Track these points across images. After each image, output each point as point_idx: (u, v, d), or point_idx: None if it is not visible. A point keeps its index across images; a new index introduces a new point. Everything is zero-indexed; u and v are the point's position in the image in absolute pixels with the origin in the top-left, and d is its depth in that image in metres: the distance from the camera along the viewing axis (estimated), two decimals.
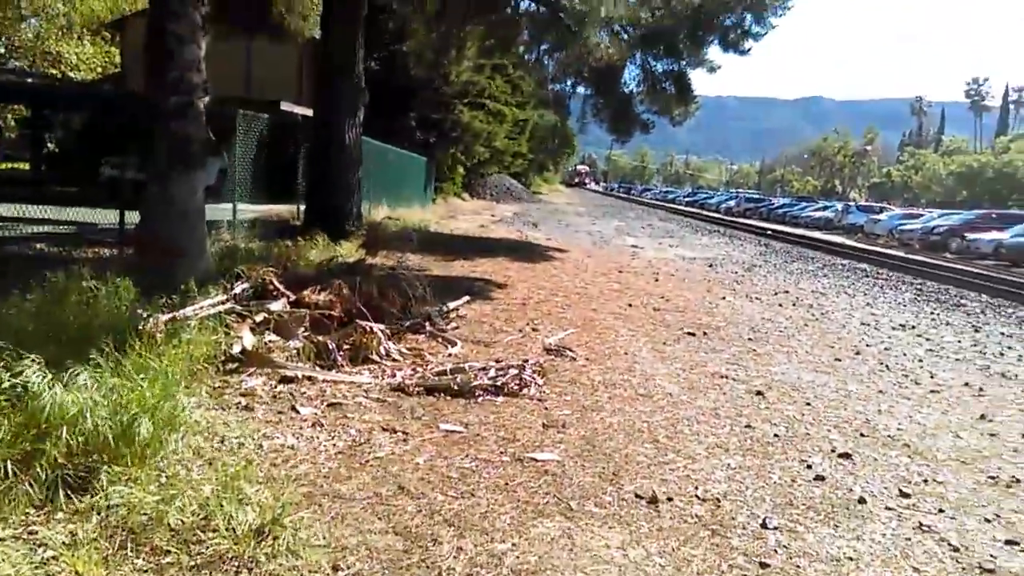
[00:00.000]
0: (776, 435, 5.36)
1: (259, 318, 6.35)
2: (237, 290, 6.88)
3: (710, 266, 17.94)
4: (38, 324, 4.90)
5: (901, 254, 27.04)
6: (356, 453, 4.33)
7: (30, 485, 3.22)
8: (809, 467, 4.76)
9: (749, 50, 18.08)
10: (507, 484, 4.08)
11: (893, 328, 10.85)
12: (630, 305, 10.84)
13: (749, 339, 8.98)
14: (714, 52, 18.62)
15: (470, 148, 35.59)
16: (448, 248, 15.58)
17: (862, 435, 5.54)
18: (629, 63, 18.78)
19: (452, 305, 8.76)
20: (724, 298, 12.44)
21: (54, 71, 36.94)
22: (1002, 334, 11.17)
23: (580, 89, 20.90)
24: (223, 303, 6.40)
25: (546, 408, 5.51)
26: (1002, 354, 9.47)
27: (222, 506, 3.27)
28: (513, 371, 6.01)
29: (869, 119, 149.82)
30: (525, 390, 5.80)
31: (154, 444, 3.65)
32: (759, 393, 6.45)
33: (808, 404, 6.26)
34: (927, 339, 10.15)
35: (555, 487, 4.11)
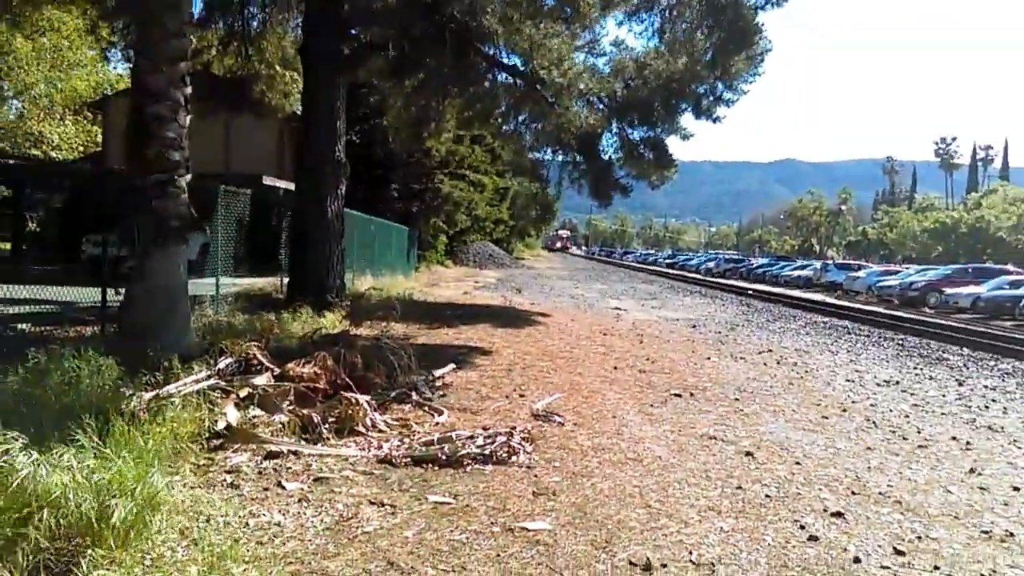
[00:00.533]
0: (768, 496, 5.32)
1: (243, 393, 6.30)
2: (221, 365, 6.83)
3: (693, 327, 18.03)
4: (20, 404, 4.84)
5: (881, 310, 27.31)
6: (344, 528, 4.26)
7: (10, 572, 3.13)
8: (802, 527, 4.72)
9: (721, 117, 18.62)
10: (499, 555, 4.02)
11: (878, 384, 10.89)
12: (616, 367, 10.85)
13: (736, 399, 8.98)
14: (687, 119, 19.12)
15: (452, 217, 35.97)
16: (432, 316, 15.58)
17: (853, 493, 5.52)
18: (606, 131, 19.21)
19: (438, 373, 8.73)
20: (709, 358, 12.47)
21: (36, 151, 37.18)
22: (985, 387, 11.24)
23: (559, 157, 21.29)
24: (207, 379, 6.34)
25: (536, 475, 5.45)
26: (987, 407, 9.51)
27: None
28: (501, 439, 5.96)
29: (842, 180, 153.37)
30: (514, 457, 5.74)
31: (137, 525, 3.58)
32: (748, 453, 6.42)
33: (798, 463, 6.24)
34: (912, 394, 10.20)
35: (547, 557, 4.04)
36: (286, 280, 15.42)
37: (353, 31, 15.62)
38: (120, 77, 39.72)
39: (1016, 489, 5.85)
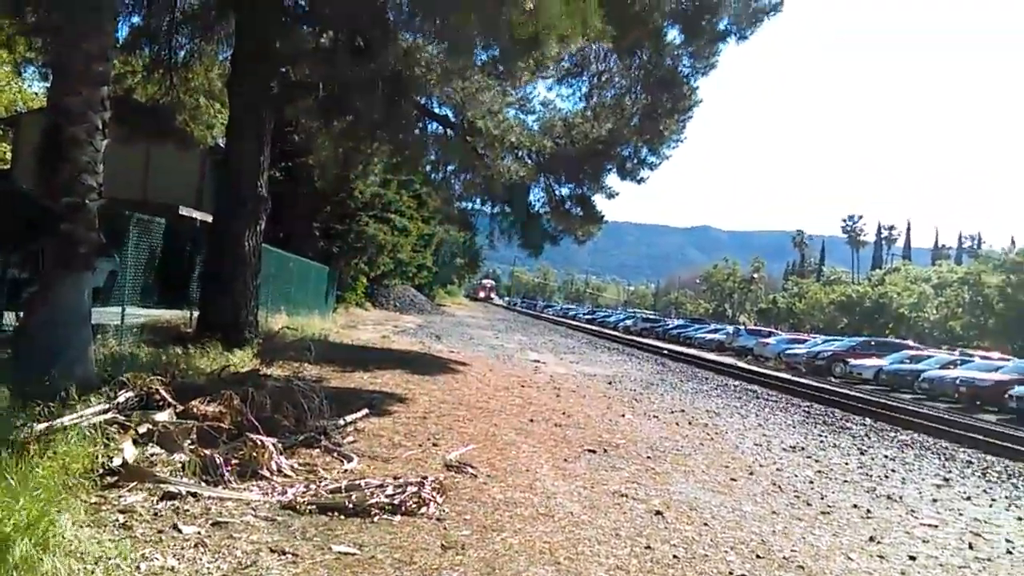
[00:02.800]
0: (675, 556, 5.33)
1: (143, 429, 5.99)
2: (120, 399, 6.51)
3: (609, 383, 18.20)
4: None
5: (789, 376, 28.19)
6: None
7: None
8: None
9: (645, 179, 19.19)
10: None
11: (784, 449, 11.16)
12: (532, 420, 10.81)
13: (648, 457, 9.05)
14: (612, 179, 19.58)
15: (374, 259, 35.67)
16: (348, 359, 15.28)
17: (758, 556, 5.58)
18: (535, 185, 19.50)
19: (350, 418, 8.51)
20: (623, 415, 12.58)
21: None
22: (885, 456, 11.65)
23: (488, 207, 21.46)
24: (105, 412, 6.02)
25: (445, 528, 5.33)
26: (887, 476, 9.84)
27: None
28: (412, 489, 5.82)
29: (755, 249, 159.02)
30: (424, 509, 5.60)
31: (25, 566, 3.31)
32: (659, 512, 6.45)
33: (706, 524, 6.29)
34: (816, 460, 10.48)
35: None
36: (196, 314, 14.91)
37: (283, 68, 15.49)
38: (35, 96, 38.28)
39: (912, 558, 6.02)
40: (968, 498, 9.02)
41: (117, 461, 5.31)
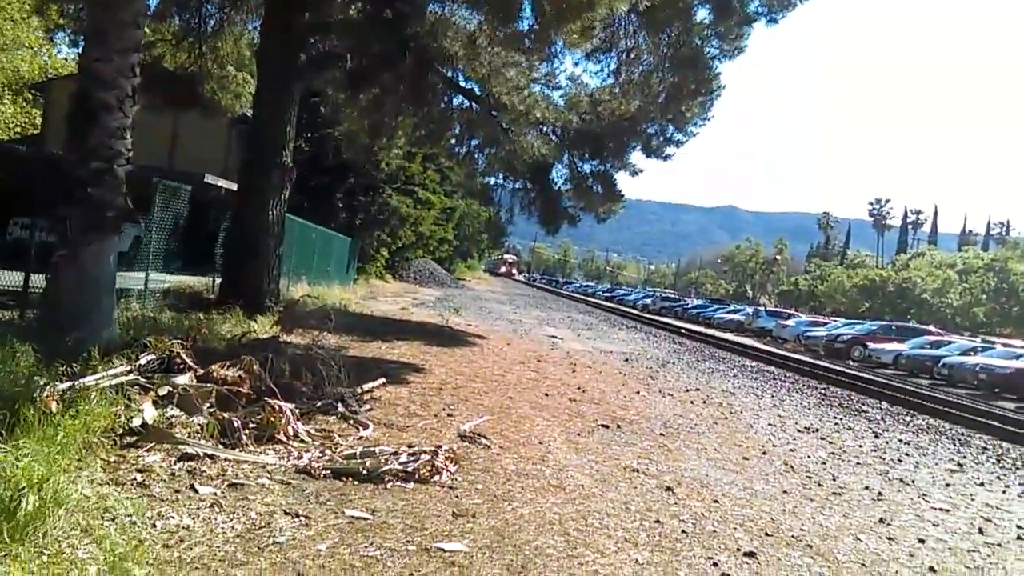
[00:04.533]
0: (684, 531, 5.39)
1: (163, 391, 6.11)
2: (142, 361, 6.63)
3: (626, 360, 18.23)
4: None
5: (807, 359, 28.05)
6: (255, 537, 4.15)
7: None
8: (715, 564, 4.79)
9: (670, 156, 19.06)
10: (411, 574, 3.97)
11: (798, 430, 11.16)
12: (547, 395, 10.88)
13: (661, 434, 9.09)
14: (637, 157, 19.46)
15: (396, 231, 35.78)
16: (367, 329, 15.42)
17: (767, 534, 5.62)
18: (557, 162, 19.44)
19: (367, 387, 8.62)
20: (638, 392, 12.62)
21: None
22: (900, 440, 11.62)
23: (510, 183, 21.43)
24: (126, 374, 6.14)
25: (457, 496, 5.42)
26: (900, 460, 9.83)
27: None
28: (425, 457, 5.91)
29: (779, 230, 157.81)
30: (436, 477, 5.69)
31: (37, 520, 3.43)
32: (669, 488, 6.50)
33: (716, 501, 6.34)
34: (830, 442, 10.47)
35: None
36: (219, 281, 15.09)
37: (312, 39, 15.50)
38: (65, 62, 38.56)
39: (922, 541, 6.04)
40: (981, 484, 9.00)
41: (137, 422, 5.43)
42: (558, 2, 10.41)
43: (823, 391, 17.75)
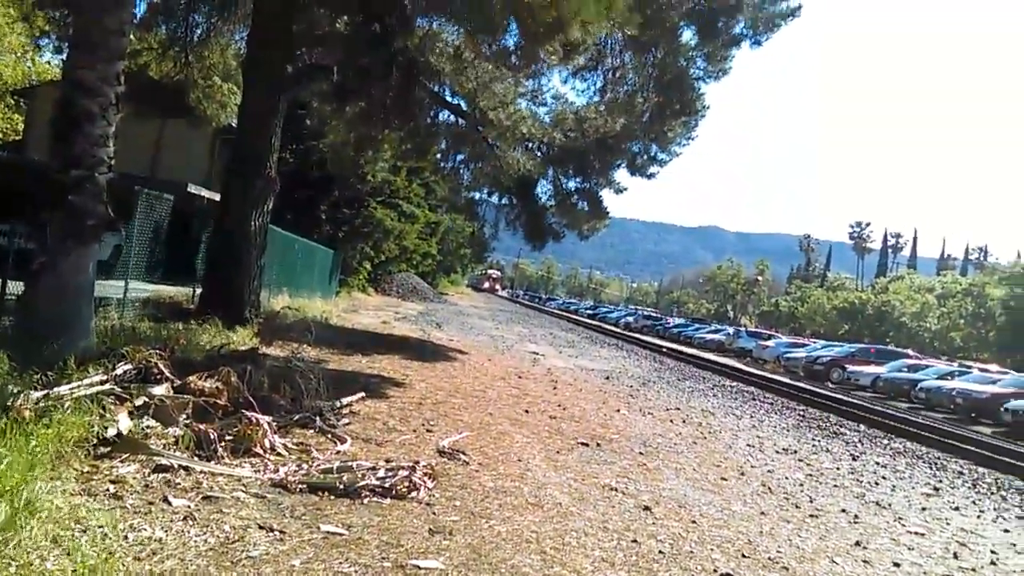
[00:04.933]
0: (661, 552, 5.38)
1: (139, 402, 6.04)
2: (119, 371, 6.55)
3: (607, 378, 18.24)
4: None
5: (786, 380, 28.19)
6: (228, 551, 4.09)
7: None
8: None
9: (654, 175, 19.24)
10: None
11: (776, 451, 11.20)
12: (527, 411, 10.86)
13: (640, 453, 9.10)
14: (621, 174, 19.62)
15: (380, 245, 35.69)
16: (348, 342, 15.33)
17: (743, 556, 5.63)
18: (542, 178, 19.54)
19: (345, 401, 8.57)
20: (619, 410, 12.62)
21: None
22: (877, 463, 11.69)
23: (495, 198, 21.52)
24: (102, 383, 6.07)
25: (434, 513, 5.38)
26: (877, 483, 9.88)
27: None
28: (403, 472, 5.87)
29: (761, 251, 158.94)
30: (414, 493, 5.65)
31: (7, 531, 3.37)
32: (647, 508, 6.50)
33: (693, 521, 6.34)
34: (808, 464, 10.52)
35: None
36: (200, 291, 14.98)
37: (299, 51, 15.51)
38: (49, 68, 38.33)
39: (897, 565, 6.07)
40: (956, 508, 9.07)
41: (112, 432, 5.35)
42: (535, 23, 10.48)
43: (802, 412, 17.84)
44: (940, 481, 10.96)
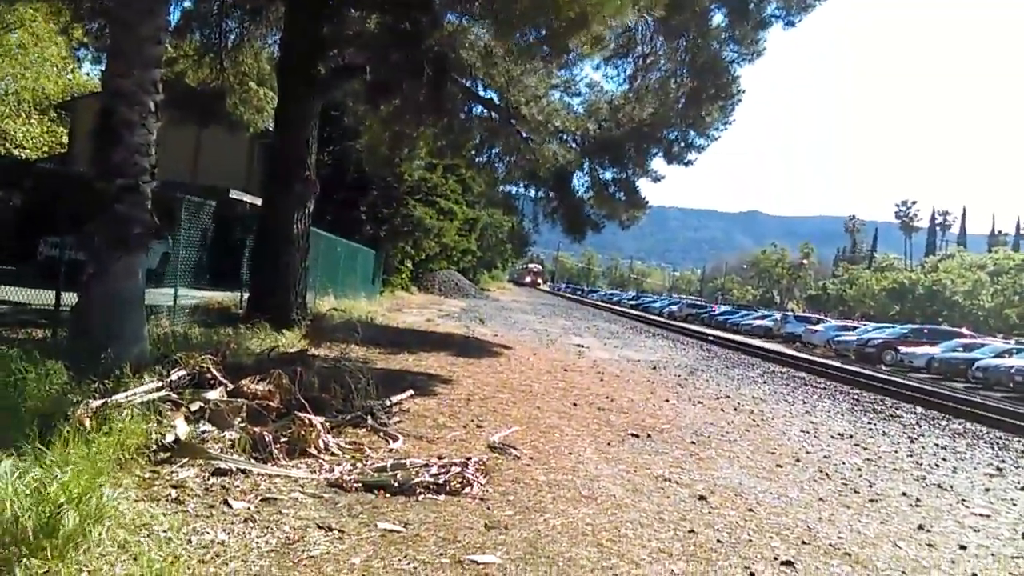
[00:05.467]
0: (719, 541, 5.31)
1: (194, 407, 6.14)
2: (173, 377, 6.67)
3: (654, 368, 18.10)
4: None
5: (838, 364, 27.70)
6: (289, 551, 4.14)
7: None
8: (752, 574, 4.71)
9: (692, 162, 18.97)
10: None
11: (832, 436, 11.00)
12: (575, 404, 10.82)
13: (692, 442, 8.99)
14: (658, 163, 19.39)
15: (420, 243, 35.89)
16: (394, 341, 15.45)
17: (804, 543, 5.52)
18: (578, 169, 19.41)
19: (395, 399, 8.62)
20: (668, 400, 12.51)
21: None
22: (936, 445, 11.41)
23: (531, 191, 21.44)
24: (158, 390, 6.18)
25: (488, 508, 5.38)
26: (937, 465, 9.65)
27: None
28: (455, 469, 5.88)
29: (805, 235, 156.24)
30: (467, 489, 5.66)
31: (77, 537, 3.44)
32: (702, 498, 6.42)
33: (750, 510, 6.25)
34: (865, 448, 10.31)
35: None
36: (246, 295, 15.20)
37: (332, 52, 15.62)
38: (89, 79, 39.23)
39: (963, 547, 5.91)
40: (1022, 488, 8.80)
41: (170, 438, 5.45)
42: (559, 20, 10.41)
43: (855, 396, 17.50)
44: (1003, 461, 10.65)
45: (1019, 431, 13.74)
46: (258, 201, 17.79)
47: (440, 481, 5.62)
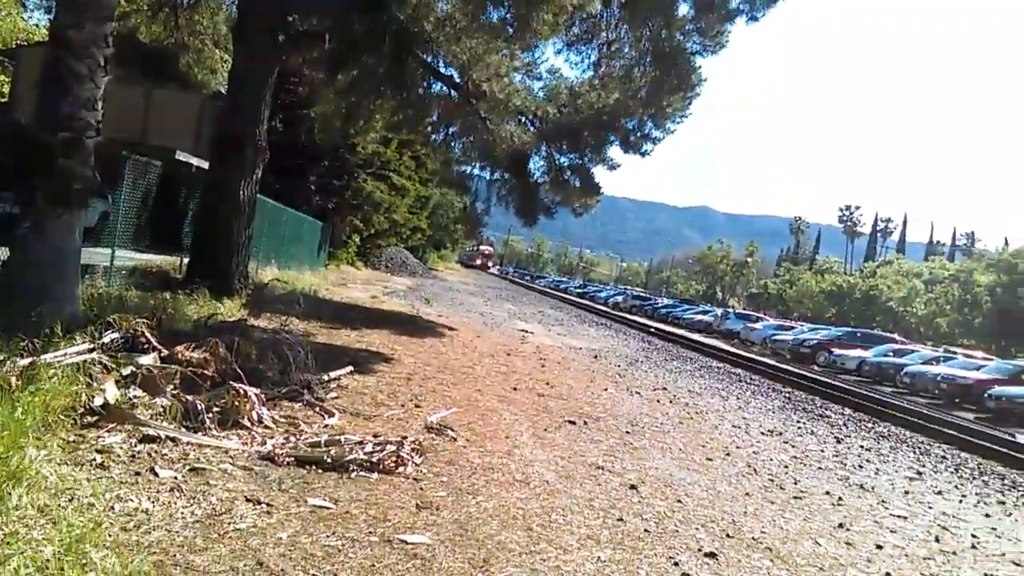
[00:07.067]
0: (646, 530, 5.41)
1: (126, 371, 5.98)
2: (105, 340, 6.48)
3: (595, 357, 18.28)
4: None
5: (773, 362, 28.32)
6: (215, 523, 4.08)
7: None
8: (676, 564, 4.81)
9: (648, 152, 19.08)
10: (373, 566, 3.93)
11: (762, 433, 11.27)
12: (515, 388, 10.88)
13: (627, 432, 9.13)
14: (615, 151, 19.47)
15: (369, 217, 35.50)
16: (336, 316, 15.29)
17: (728, 535, 5.66)
18: (535, 153, 19.38)
19: (334, 374, 8.54)
20: (606, 389, 12.66)
21: None
22: (861, 447, 11.78)
23: (486, 173, 21.34)
24: (89, 352, 6.00)
25: (421, 488, 5.38)
26: (861, 466, 9.97)
27: (63, 570, 3.00)
28: (391, 447, 5.86)
29: (751, 233, 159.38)
30: (401, 468, 5.65)
31: None
32: (633, 487, 6.52)
33: (679, 501, 6.37)
34: (793, 446, 10.59)
35: (422, 571, 3.98)
36: (187, 260, 14.86)
37: (292, 17, 15.28)
38: (37, 28, 37.69)
39: (879, 547, 6.12)
40: (939, 492, 9.16)
41: (98, 401, 5.30)
42: None
43: (788, 395, 17.95)
44: (923, 465, 11.06)
45: (940, 437, 14.27)
46: (206, 164, 17.38)
47: (374, 459, 5.59)
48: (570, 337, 23.42)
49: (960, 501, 8.86)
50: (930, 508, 8.11)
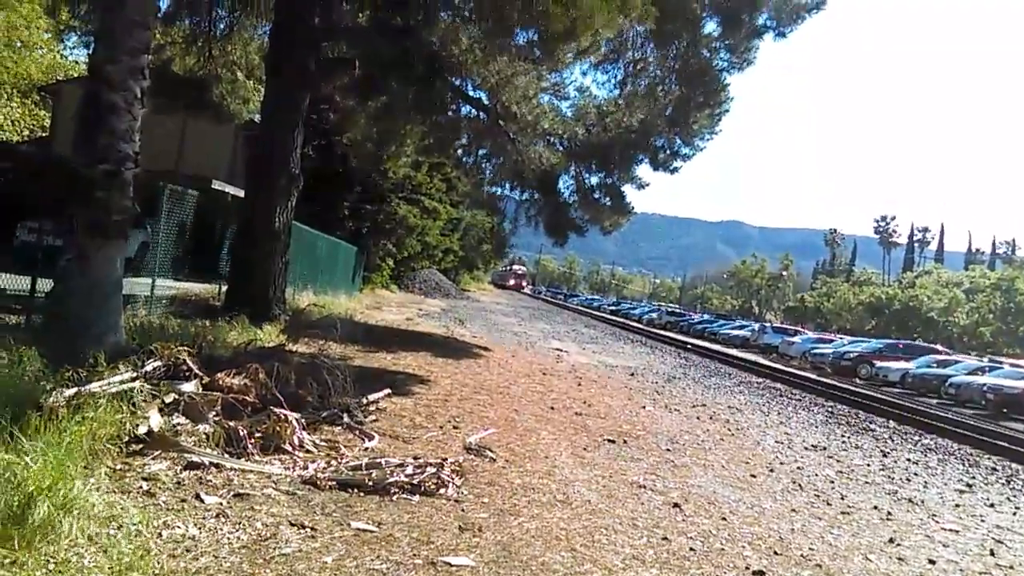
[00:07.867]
0: (692, 549, 5.32)
1: (169, 399, 6.07)
2: (148, 368, 6.58)
3: (632, 375, 18.15)
4: None
5: (813, 376, 27.91)
6: (261, 548, 4.09)
7: None
8: None
9: (677, 169, 19.05)
10: None
11: (806, 448, 11.08)
12: (552, 408, 10.82)
13: (667, 450, 9.02)
14: (644, 170, 19.43)
15: (402, 241, 35.73)
16: (372, 339, 15.37)
17: (776, 553, 5.55)
18: (564, 173, 19.43)
19: (372, 397, 8.57)
20: (644, 407, 12.55)
21: None
22: (908, 460, 11.52)
23: (516, 193, 21.42)
24: (132, 380, 6.10)
25: (463, 510, 5.36)
26: (908, 480, 9.74)
27: None
28: (431, 469, 5.85)
29: (785, 246, 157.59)
30: (443, 490, 5.64)
31: (46, 527, 3.38)
32: (676, 505, 6.43)
33: (724, 519, 6.27)
34: (838, 461, 10.39)
35: None
36: (225, 288, 15.07)
37: (323, 45, 15.52)
38: (75, 64, 38.74)
39: (932, 562, 5.96)
40: (991, 505, 8.91)
41: (143, 429, 5.38)
42: (549, 29, 10.47)
43: (830, 409, 17.64)
44: (973, 478, 10.78)
45: (989, 448, 13.91)
46: (241, 193, 17.65)
47: (415, 481, 5.59)
48: (605, 355, 23.29)
49: (1014, 514, 8.61)
50: (983, 521, 7.89)
